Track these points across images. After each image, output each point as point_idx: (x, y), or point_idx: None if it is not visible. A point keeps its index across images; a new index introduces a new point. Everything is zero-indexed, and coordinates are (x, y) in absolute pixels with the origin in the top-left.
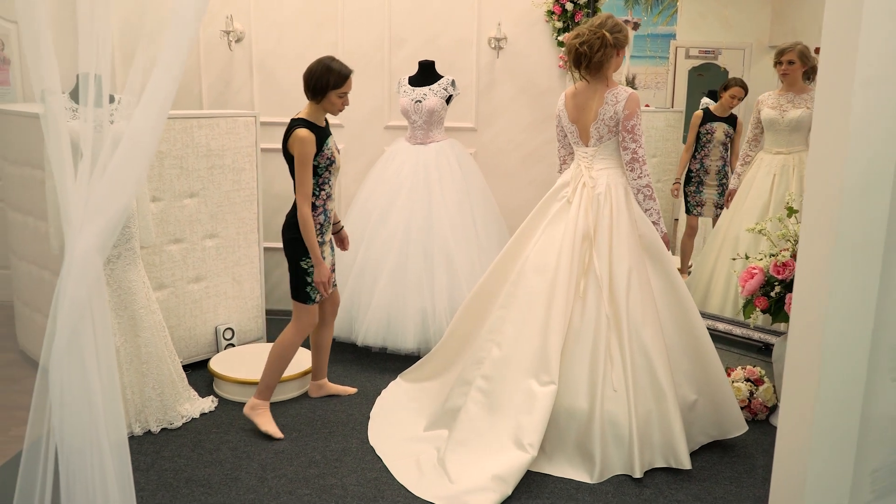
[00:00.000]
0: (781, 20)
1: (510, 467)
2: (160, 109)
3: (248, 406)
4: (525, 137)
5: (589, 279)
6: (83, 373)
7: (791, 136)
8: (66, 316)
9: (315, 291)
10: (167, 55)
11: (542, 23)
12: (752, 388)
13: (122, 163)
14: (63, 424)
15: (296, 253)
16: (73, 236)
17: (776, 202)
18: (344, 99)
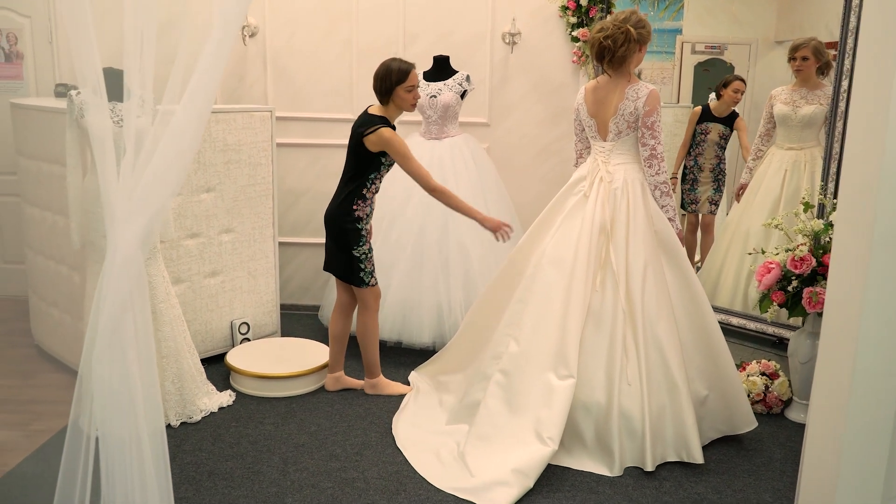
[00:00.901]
0: (787, 16)
1: (530, 461)
2: (203, 106)
3: (368, 386)
4: (538, 133)
5: (606, 273)
6: (124, 367)
7: (803, 131)
8: (109, 312)
9: (369, 275)
10: (210, 52)
11: (556, 18)
12: (767, 382)
13: (166, 159)
14: (104, 416)
15: (349, 242)
16: (116, 232)
17: (787, 197)
18: (413, 92)
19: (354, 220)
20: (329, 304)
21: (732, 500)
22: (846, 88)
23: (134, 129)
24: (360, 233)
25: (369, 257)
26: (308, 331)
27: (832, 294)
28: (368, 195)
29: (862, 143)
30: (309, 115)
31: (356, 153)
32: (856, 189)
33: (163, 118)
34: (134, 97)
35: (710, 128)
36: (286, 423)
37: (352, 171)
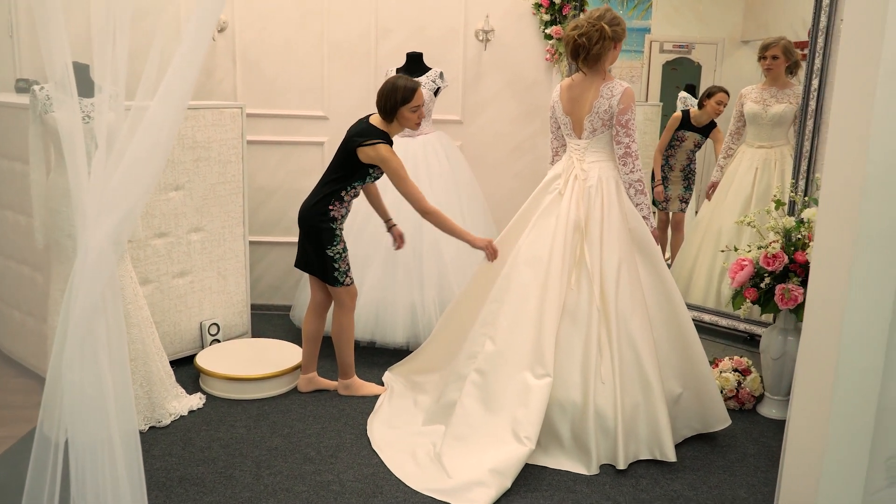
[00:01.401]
0: (753, 15)
1: (508, 461)
2: (179, 101)
3: (342, 387)
4: (511, 130)
5: (581, 271)
6: (96, 372)
7: (773, 130)
8: (79, 315)
9: (343, 275)
10: (187, 45)
11: (530, 15)
12: (739, 378)
13: (139, 155)
14: (74, 421)
15: (322, 241)
16: (87, 231)
17: (758, 195)
18: (418, 112)
19: (329, 219)
20: (301, 304)
21: (708, 496)
22: (816, 87)
23: (106, 126)
24: (335, 232)
25: (343, 257)
26: (279, 331)
27: (814, 290)
28: (347, 198)
29: (845, 140)
30: (280, 112)
31: (346, 159)
32: (839, 186)
33: (136, 113)
34: (105, 92)
35: (687, 136)
36: (258, 426)
37: (336, 174)
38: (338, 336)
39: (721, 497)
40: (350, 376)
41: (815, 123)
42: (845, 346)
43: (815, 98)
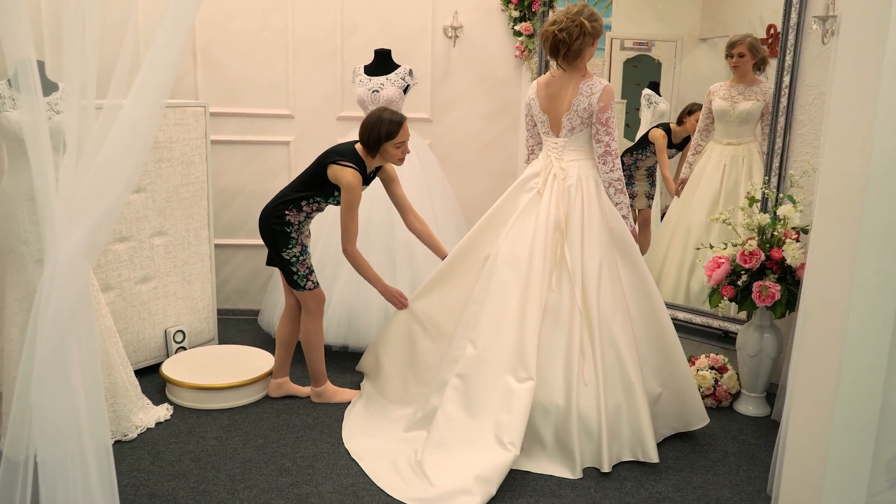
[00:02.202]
0: (711, 13)
1: (493, 467)
2: (157, 96)
3: (314, 395)
4: (482, 128)
5: (562, 271)
6: (68, 390)
7: (741, 127)
8: (49, 330)
9: (303, 278)
10: (164, 40)
11: (498, 12)
12: (716, 375)
13: (112, 157)
14: (44, 439)
15: (277, 244)
16: (56, 240)
17: (727, 192)
18: (403, 147)
19: (284, 223)
20: (269, 308)
21: (692, 497)
22: (788, 84)
23: (77, 126)
24: (290, 235)
25: (301, 260)
26: (247, 337)
27: (812, 290)
28: (307, 209)
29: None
30: (243, 111)
31: (315, 173)
32: (840, 184)
33: (108, 113)
34: (73, 91)
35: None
36: (230, 437)
37: (302, 185)
38: (306, 342)
39: (706, 498)
40: (322, 383)
41: (787, 120)
42: (848, 347)
43: (787, 95)
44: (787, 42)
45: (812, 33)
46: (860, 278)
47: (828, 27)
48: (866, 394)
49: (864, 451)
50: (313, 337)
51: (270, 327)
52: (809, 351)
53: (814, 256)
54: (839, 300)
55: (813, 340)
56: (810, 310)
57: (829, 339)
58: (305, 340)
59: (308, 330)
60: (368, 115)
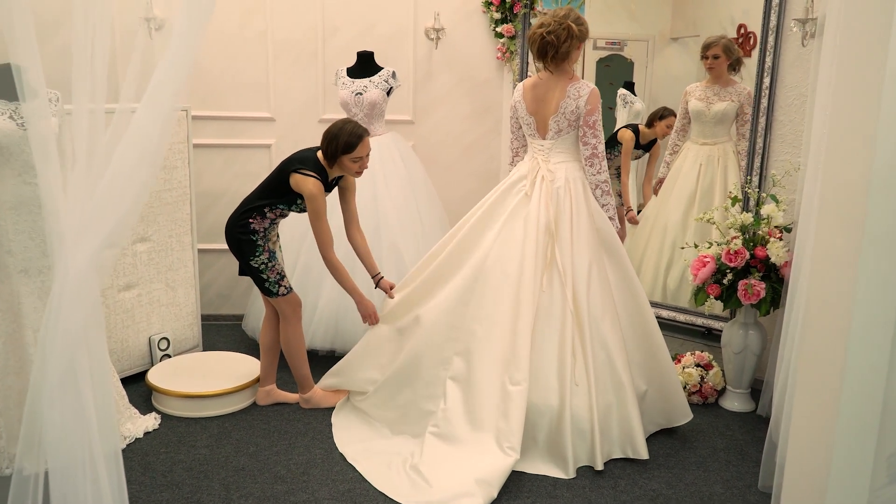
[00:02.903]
0: (682, 13)
1: (493, 471)
2: (169, 102)
3: (302, 402)
4: (464, 129)
5: (552, 273)
6: (80, 405)
7: (716, 127)
8: (60, 349)
9: (275, 284)
10: (177, 43)
11: (480, 14)
12: (702, 373)
13: (124, 167)
14: (56, 452)
15: (244, 252)
16: (65, 254)
17: (703, 191)
18: (361, 162)
19: (249, 231)
20: (253, 313)
21: (685, 493)
22: (768, 85)
23: (86, 134)
24: (256, 243)
25: (270, 266)
26: (231, 342)
27: (814, 290)
28: (271, 216)
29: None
30: (224, 114)
31: (278, 180)
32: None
33: (120, 119)
34: (82, 96)
35: (633, 153)
36: (221, 446)
37: (265, 192)
38: (287, 348)
39: (699, 494)
40: (309, 389)
41: (767, 121)
42: (852, 347)
43: (767, 96)
44: (767, 44)
45: (791, 35)
46: (864, 278)
47: (807, 30)
48: (869, 392)
49: (867, 447)
50: (293, 343)
51: (255, 332)
52: (812, 350)
53: (816, 256)
54: (842, 300)
55: (815, 340)
56: (812, 309)
57: (833, 339)
58: (286, 347)
59: (287, 336)
60: (332, 125)
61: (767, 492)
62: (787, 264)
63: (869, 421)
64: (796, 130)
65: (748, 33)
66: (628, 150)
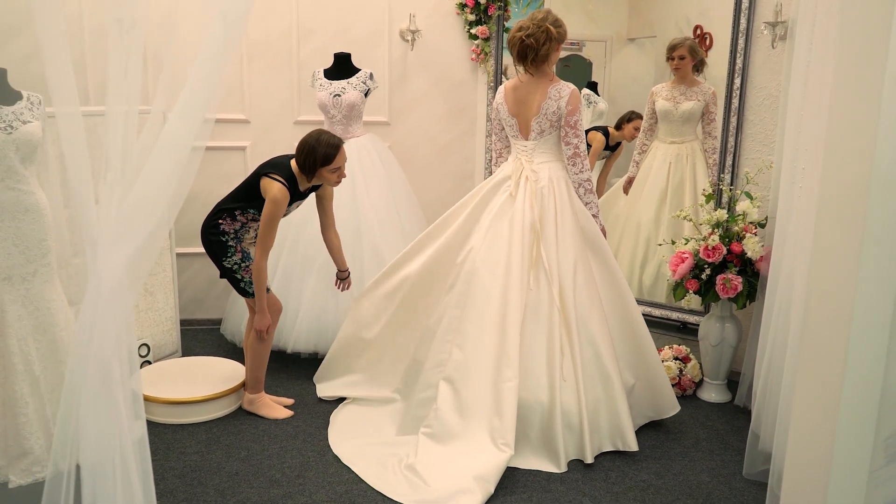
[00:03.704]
0: (638, 14)
1: (490, 467)
2: (201, 107)
3: (246, 402)
4: (439, 130)
5: (538, 271)
6: (115, 413)
7: (683, 126)
8: (96, 360)
9: (251, 285)
10: (215, 42)
11: (454, 15)
12: (681, 366)
13: (160, 171)
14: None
15: (216, 254)
16: (100, 265)
17: (673, 189)
18: (339, 172)
19: (220, 233)
20: (232, 316)
21: (674, 483)
22: (739, 85)
23: (121, 140)
24: (227, 244)
25: (244, 266)
26: (210, 347)
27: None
28: (242, 219)
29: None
30: None
31: (250, 184)
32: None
33: (153, 123)
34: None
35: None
36: (211, 451)
37: (238, 195)
38: (252, 347)
39: (687, 483)
40: (258, 391)
41: (739, 120)
42: (854, 336)
43: (738, 96)
44: (737, 46)
45: (761, 38)
46: (864, 274)
47: (777, 32)
48: (869, 379)
49: (867, 431)
50: (259, 344)
51: (235, 336)
52: (813, 341)
53: (817, 251)
54: (844, 293)
55: (817, 332)
56: (813, 303)
57: (834, 331)
58: (252, 346)
59: (254, 335)
60: (306, 137)
61: (752, 479)
62: (762, 259)
63: (869, 407)
64: (766, 129)
65: (704, 34)
66: (596, 151)
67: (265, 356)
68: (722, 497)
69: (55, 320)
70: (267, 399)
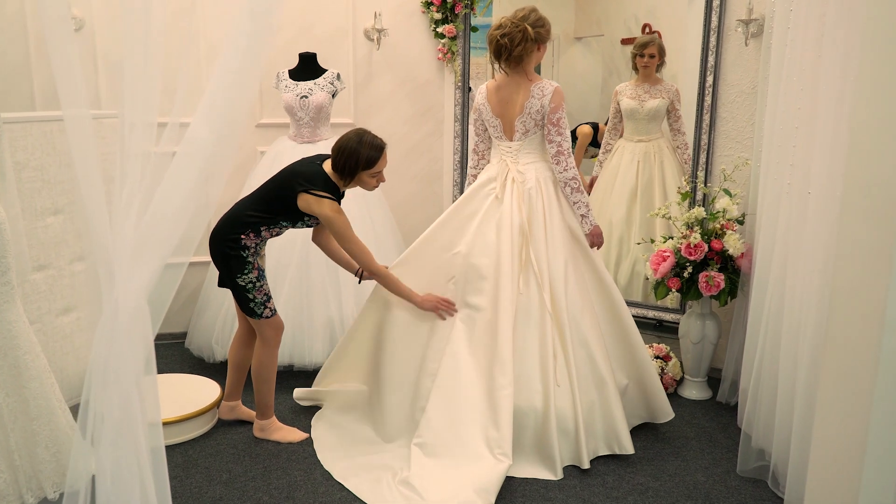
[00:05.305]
0: (585, 13)
1: (489, 478)
2: (225, 113)
3: (257, 428)
4: (407, 131)
5: (528, 274)
6: (135, 447)
7: (649, 124)
8: (117, 391)
9: (261, 306)
10: (240, 48)
11: (420, 14)
12: (662, 364)
13: (179, 189)
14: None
15: (232, 269)
16: (118, 287)
17: (643, 187)
18: (378, 176)
19: (240, 248)
20: (199, 331)
21: (671, 484)
22: (711, 83)
23: (139, 154)
24: (246, 260)
25: (258, 286)
26: (173, 363)
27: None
28: (266, 235)
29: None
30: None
31: (281, 196)
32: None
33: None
34: (133, 111)
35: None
36: (190, 475)
37: (263, 207)
38: (258, 372)
39: (683, 483)
40: (268, 417)
41: (712, 117)
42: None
43: (711, 94)
44: (709, 44)
45: (733, 35)
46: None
47: (750, 30)
48: None
49: None
50: (266, 368)
51: (201, 350)
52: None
53: (841, 250)
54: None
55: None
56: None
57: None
58: (257, 371)
59: (261, 360)
60: (345, 140)
61: (747, 476)
62: (742, 255)
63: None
64: (739, 126)
65: (653, 32)
66: (583, 144)
67: (271, 379)
68: (720, 496)
69: (17, 343)
70: (278, 423)
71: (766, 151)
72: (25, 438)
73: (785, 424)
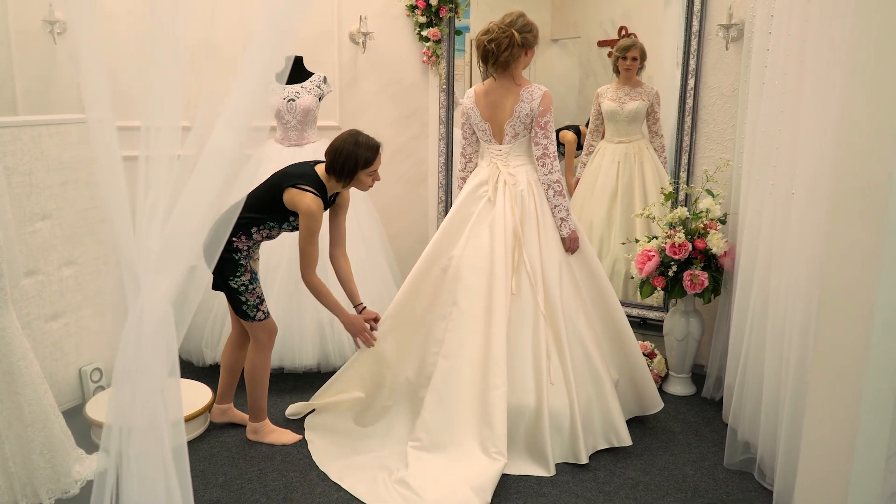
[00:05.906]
0: (561, 15)
1: (486, 477)
2: (246, 119)
3: (250, 431)
4: (391, 134)
5: (521, 276)
6: (161, 455)
7: (630, 126)
8: (143, 400)
9: (254, 308)
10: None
11: (404, 17)
12: (647, 361)
13: (204, 189)
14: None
15: (224, 271)
16: (142, 293)
17: (623, 188)
18: (375, 175)
19: (232, 250)
20: (186, 335)
21: (661, 478)
22: (693, 86)
23: (165, 161)
24: (238, 262)
25: (251, 289)
26: None
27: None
28: (257, 237)
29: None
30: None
31: (269, 194)
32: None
33: (192, 142)
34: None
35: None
36: None
37: (253, 206)
38: (251, 375)
39: (672, 477)
40: (261, 419)
41: (693, 120)
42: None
43: (692, 96)
44: (691, 47)
45: (714, 39)
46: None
47: (730, 34)
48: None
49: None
50: (259, 371)
51: (190, 355)
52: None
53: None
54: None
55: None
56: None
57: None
58: (250, 374)
59: (254, 363)
60: (340, 142)
61: (734, 469)
62: (725, 254)
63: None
64: (720, 128)
65: (629, 35)
66: (571, 150)
67: (264, 382)
68: (708, 489)
69: (11, 349)
70: (271, 426)
71: (747, 153)
72: (20, 445)
73: (771, 418)
